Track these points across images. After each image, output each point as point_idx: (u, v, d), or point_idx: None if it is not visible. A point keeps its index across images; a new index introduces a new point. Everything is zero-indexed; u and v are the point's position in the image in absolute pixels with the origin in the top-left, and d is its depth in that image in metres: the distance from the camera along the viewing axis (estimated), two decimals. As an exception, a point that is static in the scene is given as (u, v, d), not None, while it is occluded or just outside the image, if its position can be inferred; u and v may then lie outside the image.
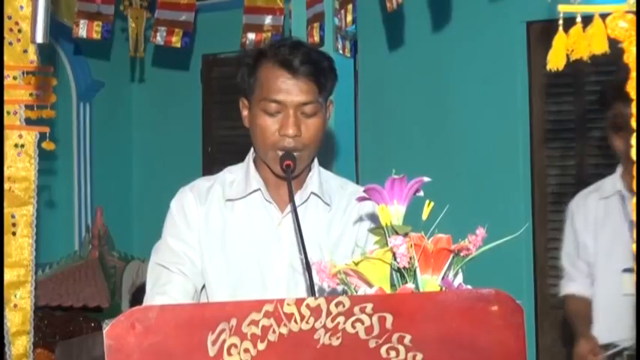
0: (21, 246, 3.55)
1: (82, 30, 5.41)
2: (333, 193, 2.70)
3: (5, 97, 3.50)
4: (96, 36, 5.44)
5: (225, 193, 2.65)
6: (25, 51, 3.58)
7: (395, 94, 6.56)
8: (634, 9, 1.42)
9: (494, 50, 6.23)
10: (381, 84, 6.61)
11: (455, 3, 5.85)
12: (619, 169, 3.75)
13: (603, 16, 1.45)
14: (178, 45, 5.57)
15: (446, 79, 6.38)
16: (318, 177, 2.69)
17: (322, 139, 2.63)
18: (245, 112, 2.63)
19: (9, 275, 3.50)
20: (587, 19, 1.47)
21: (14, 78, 3.56)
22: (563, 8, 1.46)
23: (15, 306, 3.55)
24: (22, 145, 3.57)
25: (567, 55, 1.49)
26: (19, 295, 3.55)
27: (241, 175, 2.67)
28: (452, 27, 6.10)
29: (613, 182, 3.76)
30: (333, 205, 2.68)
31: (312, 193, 2.66)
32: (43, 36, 2.97)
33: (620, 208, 3.65)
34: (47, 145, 3.61)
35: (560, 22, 1.48)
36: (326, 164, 2.76)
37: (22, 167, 3.56)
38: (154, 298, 2.58)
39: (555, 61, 1.51)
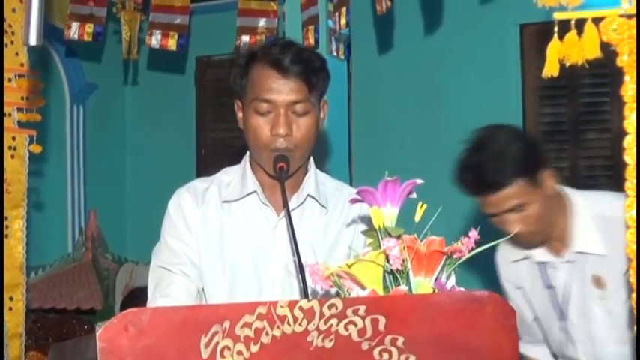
0: (14, 248, 3.55)
1: (73, 32, 5.41)
2: (330, 195, 2.70)
3: (-1, 99, 3.50)
4: (87, 38, 5.43)
5: (221, 195, 2.65)
6: (17, 54, 3.58)
7: (388, 96, 6.57)
8: (627, 12, 1.43)
9: (487, 52, 6.24)
10: (374, 86, 6.62)
11: (448, 6, 5.86)
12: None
13: (597, 20, 1.45)
14: (174, 48, 5.56)
15: (439, 81, 6.39)
16: (314, 179, 2.68)
17: (315, 139, 2.62)
18: (240, 114, 2.64)
19: (4, 278, 3.50)
20: (582, 21, 1.48)
21: (9, 80, 3.56)
22: (559, 16, 1.47)
23: (10, 309, 3.55)
24: (15, 148, 3.58)
25: (562, 61, 1.50)
26: (15, 297, 3.55)
27: (237, 177, 2.67)
28: (445, 29, 6.11)
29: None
30: (329, 208, 2.68)
31: (309, 195, 2.66)
32: (36, 38, 2.96)
33: (535, 270, 3.21)
34: (34, 149, 3.61)
35: (555, 29, 1.49)
36: (319, 166, 2.75)
37: (15, 169, 3.56)
38: (157, 301, 2.56)
39: (550, 68, 1.52)
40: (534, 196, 2.95)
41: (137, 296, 4.63)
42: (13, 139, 3.59)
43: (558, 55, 1.49)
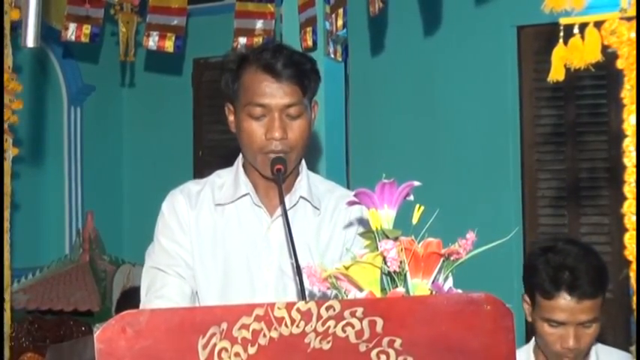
0: (4, 249, 3.54)
1: (70, 33, 5.41)
2: (322, 196, 2.71)
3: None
4: (84, 39, 5.43)
5: (214, 198, 2.66)
6: (7, 56, 3.57)
7: (386, 98, 6.57)
8: (627, 15, 1.43)
9: (484, 54, 6.25)
10: (371, 88, 6.62)
11: (446, 7, 5.86)
12: (533, 340, 3.16)
13: (598, 24, 1.46)
14: (171, 50, 5.56)
15: (437, 82, 6.40)
16: (306, 181, 2.69)
17: (309, 140, 2.64)
18: (231, 118, 2.64)
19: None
20: (583, 25, 1.48)
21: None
22: (564, 21, 1.47)
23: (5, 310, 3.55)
24: (7, 151, 3.58)
25: (567, 66, 1.51)
26: (6, 299, 3.55)
27: (230, 180, 2.68)
28: (443, 31, 6.11)
29: (525, 357, 3.13)
30: (321, 208, 2.68)
31: (301, 197, 2.66)
32: (34, 40, 2.96)
33: None
34: (12, 151, 3.61)
35: (561, 34, 1.49)
36: (316, 168, 2.76)
37: (6, 172, 3.56)
38: (151, 302, 2.56)
39: (556, 73, 1.53)
40: (600, 315, 2.93)
41: (132, 297, 4.61)
42: (6, 140, 3.59)
43: (563, 59, 1.49)
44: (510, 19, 6.13)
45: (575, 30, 1.47)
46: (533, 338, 3.12)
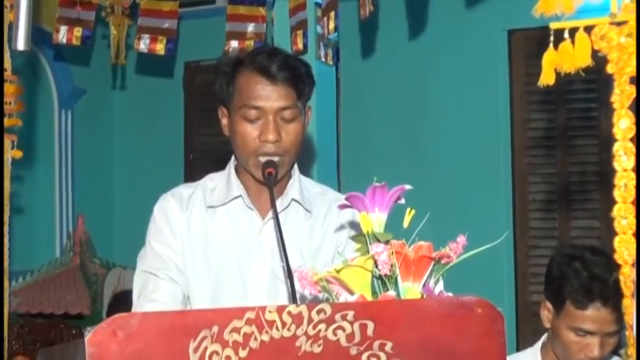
0: (4, 252, 3.54)
1: (61, 36, 5.40)
2: (314, 199, 2.71)
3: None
4: (75, 42, 5.42)
5: (206, 200, 2.66)
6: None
7: (377, 102, 6.58)
8: (618, 20, 1.44)
9: (475, 58, 6.25)
10: (363, 92, 6.62)
11: (437, 12, 5.88)
12: (539, 343, 3.17)
13: (588, 29, 1.47)
14: (162, 52, 5.56)
15: (428, 87, 6.40)
16: (298, 184, 2.69)
17: (302, 145, 2.64)
18: (224, 121, 2.64)
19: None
20: (573, 29, 1.49)
21: (-1, 84, 3.55)
22: (554, 25, 1.48)
23: (-1, 313, 3.54)
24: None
25: (557, 70, 1.51)
26: (6, 302, 3.54)
27: (222, 183, 2.68)
28: (433, 35, 6.12)
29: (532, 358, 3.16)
30: (313, 211, 2.68)
31: (293, 199, 2.67)
32: (24, 43, 2.95)
33: None
34: (14, 154, 3.59)
35: (551, 38, 1.50)
36: (308, 172, 2.76)
37: (6, 174, 3.55)
38: (143, 306, 2.55)
39: (546, 77, 1.53)
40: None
41: (123, 300, 4.60)
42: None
43: (553, 64, 1.50)
44: (501, 23, 6.14)
45: (566, 34, 1.48)
46: (540, 341, 3.13)
